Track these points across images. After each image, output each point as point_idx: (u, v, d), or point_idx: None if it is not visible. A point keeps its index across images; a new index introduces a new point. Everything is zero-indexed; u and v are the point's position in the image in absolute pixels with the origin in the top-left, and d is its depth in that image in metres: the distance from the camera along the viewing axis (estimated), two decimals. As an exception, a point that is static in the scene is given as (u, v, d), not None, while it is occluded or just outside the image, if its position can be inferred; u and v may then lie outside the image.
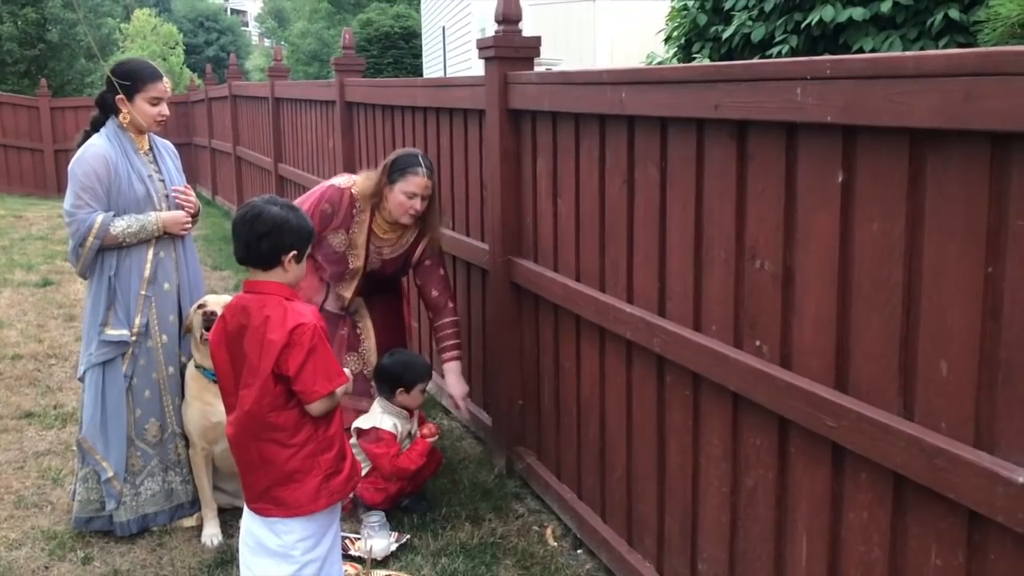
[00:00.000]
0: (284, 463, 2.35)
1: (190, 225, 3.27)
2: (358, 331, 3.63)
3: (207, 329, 3.10)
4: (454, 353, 3.59)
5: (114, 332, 3.14)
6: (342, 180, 3.54)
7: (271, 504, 2.38)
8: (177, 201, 3.26)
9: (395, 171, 3.40)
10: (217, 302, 3.17)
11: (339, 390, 2.38)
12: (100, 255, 3.12)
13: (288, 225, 2.35)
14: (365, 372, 3.61)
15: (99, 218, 3.06)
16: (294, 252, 2.36)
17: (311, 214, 3.34)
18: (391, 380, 3.38)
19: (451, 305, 3.63)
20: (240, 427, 2.37)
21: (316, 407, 2.33)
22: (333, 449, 2.42)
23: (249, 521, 2.46)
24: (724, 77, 2.16)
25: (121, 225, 3.08)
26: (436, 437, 3.44)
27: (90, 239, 3.06)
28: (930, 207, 1.69)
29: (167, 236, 3.21)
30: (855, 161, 1.84)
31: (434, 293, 3.60)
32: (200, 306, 3.21)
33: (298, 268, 2.41)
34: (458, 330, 3.63)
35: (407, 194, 3.38)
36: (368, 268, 3.52)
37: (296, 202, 3.36)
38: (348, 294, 3.55)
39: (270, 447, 2.35)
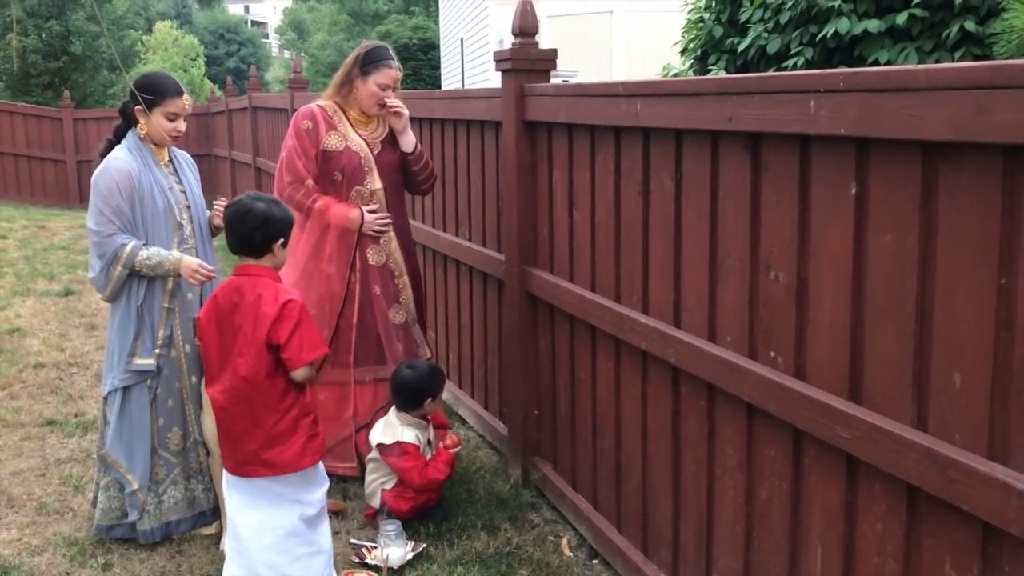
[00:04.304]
0: (273, 426, 2.68)
1: (202, 278, 3.14)
2: (397, 284, 3.74)
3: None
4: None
5: (142, 362, 3.16)
6: (303, 106, 3.71)
7: (260, 466, 2.70)
8: (217, 213, 3.26)
9: (368, 63, 3.57)
10: None
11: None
12: (128, 281, 3.12)
13: (274, 218, 2.73)
14: (408, 320, 3.78)
15: (128, 247, 3.05)
16: (281, 239, 2.75)
17: (298, 143, 3.56)
18: (416, 394, 3.42)
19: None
20: (233, 393, 2.68)
21: (300, 373, 2.67)
22: (311, 414, 2.77)
23: (237, 493, 2.76)
24: (738, 89, 2.18)
25: (143, 255, 3.07)
26: (459, 447, 3.49)
27: (118, 268, 3.06)
28: (943, 219, 1.69)
29: (191, 247, 3.23)
30: (868, 173, 1.85)
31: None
32: None
33: (283, 253, 2.80)
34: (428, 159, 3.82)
35: (380, 86, 3.57)
36: (375, 154, 3.64)
37: (283, 148, 3.60)
38: (377, 186, 3.63)
39: (262, 411, 2.68)
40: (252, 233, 2.70)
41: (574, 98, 3.10)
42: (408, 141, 3.70)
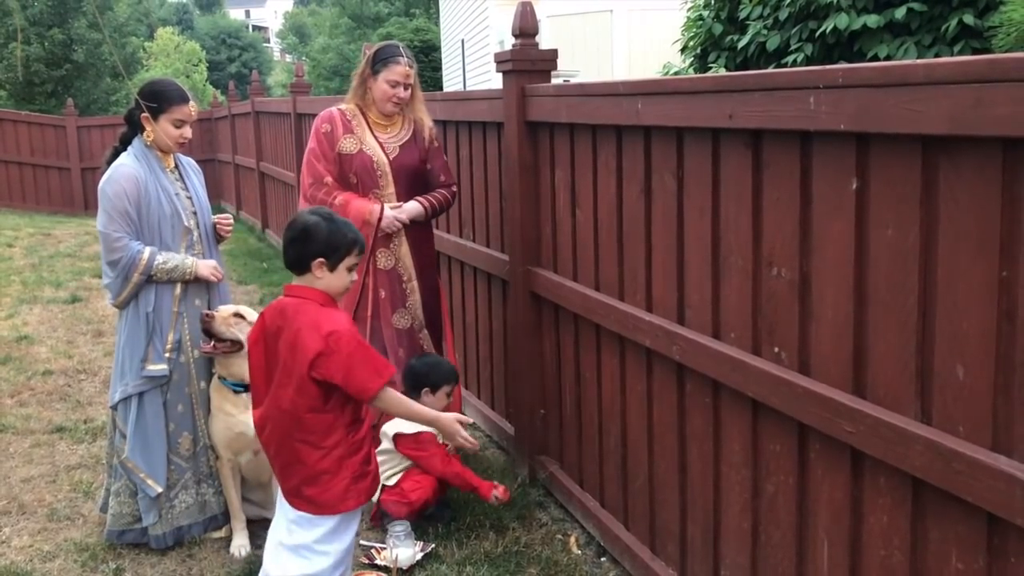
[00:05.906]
0: (315, 463, 2.46)
1: (219, 275, 3.30)
2: (405, 288, 3.72)
3: (205, 334, 3.18)
4: (425, 197, 3.69)
5: (155, 367, 3.17)
6: (324, 110, 3.75)
7: (304, 501, 2.49)
8: (220, 226, 3.38)
9: (377, 62, 3.60)
10: (225, 311, 3.23)
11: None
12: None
13: (317, 231, 2.44)
14: (414, 326, 3.76)
15: (146, 254, 3.08)
16: (320, 259, 2.44)
17: (317, 145, 3.61)
18: (418, 380, 3.45)
19: (453, 189, 3.85)
20: (275, 425, 2.48)
21: (377, 402, 2.45)
22: (361, 452, 2.52)
23: (281, 515, 2.57)
24: (738, 87, 2.19)
25: (160, 260, 3.11)
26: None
27: (136, 276, 3.09)
28: (944, 213, 1.70)
29: (198, 252, 3.25)
30: (869, 168, 1.86)
31: (442, 177, 3.80)
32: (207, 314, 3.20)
33: (332, 277, 2.47)
34: (447, 196, 3.77)
35: (390, 83, 3.58)
36: (391, 159, 3.63)
37: (306, 152, 3.65)
38: (391, 191, 3.64)
39: (303, 447, 2.45)
40: (289, 246, 2.47)
41: (575, 98, 3.11)
42: (415, 215, 3.64)
